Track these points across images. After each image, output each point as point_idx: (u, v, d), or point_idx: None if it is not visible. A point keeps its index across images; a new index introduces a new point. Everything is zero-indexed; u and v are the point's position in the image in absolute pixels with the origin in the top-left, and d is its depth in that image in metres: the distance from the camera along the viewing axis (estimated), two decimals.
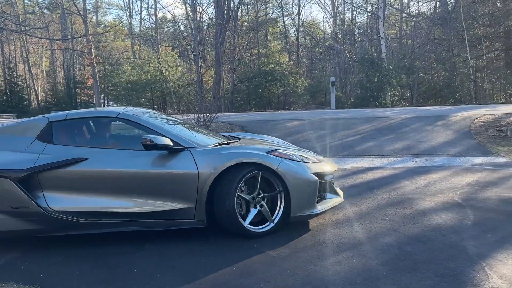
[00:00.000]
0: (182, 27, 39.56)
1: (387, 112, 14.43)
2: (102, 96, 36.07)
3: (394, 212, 4.76)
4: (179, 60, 32.70)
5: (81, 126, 4.62)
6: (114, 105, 35.08)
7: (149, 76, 29.10)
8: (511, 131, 9.39)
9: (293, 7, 52.19)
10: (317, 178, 4.25)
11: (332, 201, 4.52)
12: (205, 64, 29.83)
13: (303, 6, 67.97)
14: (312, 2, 63.89)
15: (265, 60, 28.36)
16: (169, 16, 53.02)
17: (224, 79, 28.21)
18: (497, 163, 7.36)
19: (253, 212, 4.11)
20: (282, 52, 32.12)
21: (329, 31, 39.22)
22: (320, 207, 4.30)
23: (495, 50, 25.93)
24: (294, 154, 4.37)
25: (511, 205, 4.92)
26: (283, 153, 4.31)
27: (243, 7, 32.64)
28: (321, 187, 4.35)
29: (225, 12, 27.55)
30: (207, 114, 11.78)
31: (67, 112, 4.61)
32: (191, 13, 31.24)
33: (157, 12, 39.61)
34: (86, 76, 37.29)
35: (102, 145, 4.53)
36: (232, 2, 28.36)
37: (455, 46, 25.01)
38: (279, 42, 36.11)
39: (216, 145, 4.43)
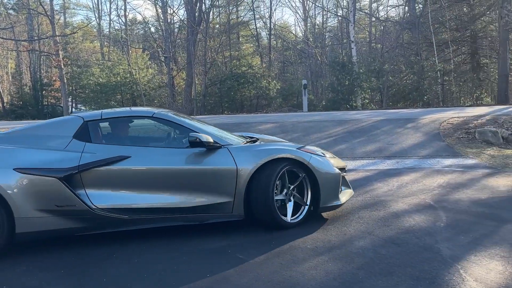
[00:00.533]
0: (152, 29, 39.04)
1: (358, 114, 14.55)
2: (70, 99, 35.23)
3: (368, 215, 4.76)
4: (150, 62, 32.20)
5: (117, 125, 4.71)
6: (83, 108, 34.30)
7: (118, 78, 28.46)
8: (479, 133, 9.59)
9: (265, 10, 52.14)
10: (339, 172, 4.65)
11: (347, 193, 4.90)
12: (176, 66, 29.54)
13: (275, 10, 68.32)
14: (283, 5, 64.36)
15: (237, 62, 28.23)
16: (139, 17, 52.38)
17: (196, 82, 27.95)
18: (466, 164, 7.49)
19: (290, 205, 4.37)
20: (254, 55, 32.06)
21: (300, 34, 39.42)
22: (342, 198, 4.66)
23: (462, 54, 26.61)
24: (318, 150, 4.81)
25: (482, 206, 5.00)
26: (310, 149, 4.69)
27: (214, 10, 32.55)
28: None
29: (197, 14, 27.33)
30: None
31: (100, 111, 4.71)
32: (161, 15, 30.89)
33: (127, 14, 38.69)
34: (54, 78, 36.28)
35: (140, 143, 4.76)
36: (203, 4, 28.19)
37: (423, 50, 25.51)
38: (251, 45, 36.05)
39: (246, 143, 4.69)
